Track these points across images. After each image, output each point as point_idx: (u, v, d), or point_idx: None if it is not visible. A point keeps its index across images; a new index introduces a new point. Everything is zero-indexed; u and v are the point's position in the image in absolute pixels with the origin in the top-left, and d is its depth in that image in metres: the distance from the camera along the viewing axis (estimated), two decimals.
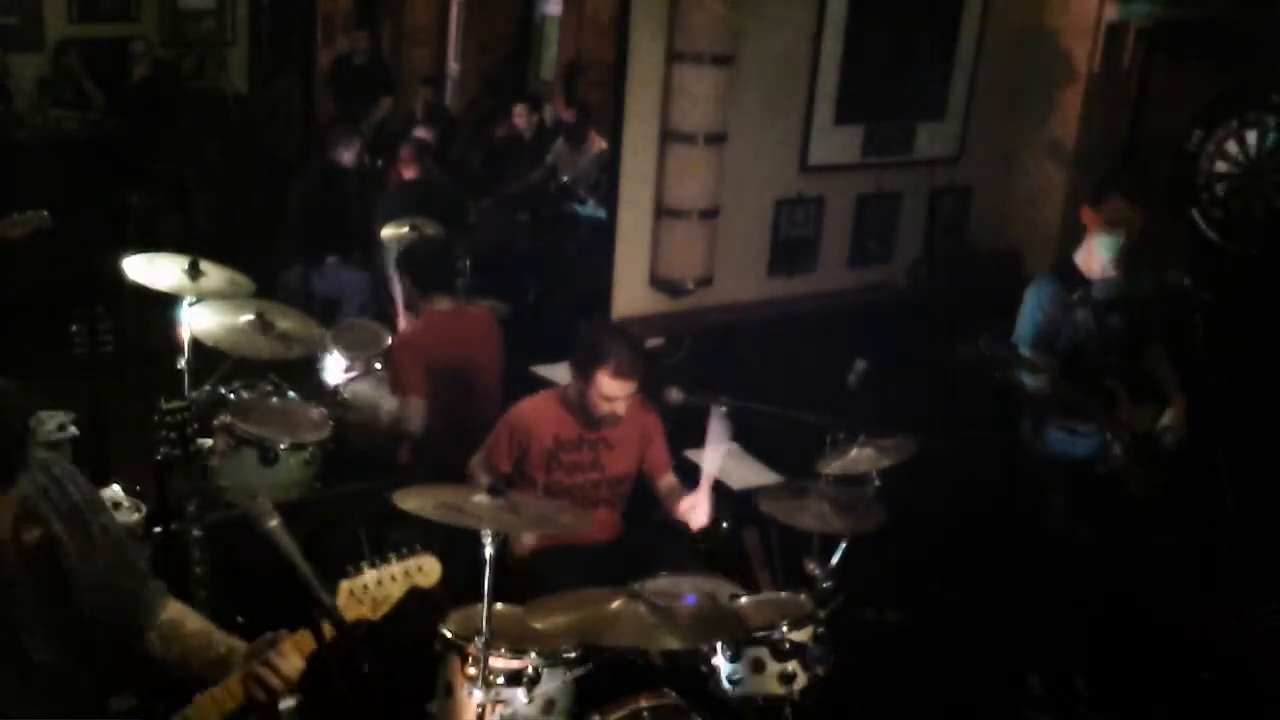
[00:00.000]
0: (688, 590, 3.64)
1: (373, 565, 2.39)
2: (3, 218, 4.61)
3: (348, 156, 7.06)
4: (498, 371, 4.79)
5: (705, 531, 4.04)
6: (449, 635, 3.23)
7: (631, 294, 5.58)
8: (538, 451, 3.93)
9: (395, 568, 2.40)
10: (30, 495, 2.27)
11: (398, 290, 4.99)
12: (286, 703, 2.82)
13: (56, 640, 2.26)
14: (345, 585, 2.33)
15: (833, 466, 3.81)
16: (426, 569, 2.46)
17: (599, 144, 7.82)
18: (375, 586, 2.36)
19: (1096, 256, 4.23)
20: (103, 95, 8.86)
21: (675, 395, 4.18)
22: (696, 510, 3.89)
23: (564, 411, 3.97)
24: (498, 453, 3.94)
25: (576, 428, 3.96)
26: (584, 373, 3.85)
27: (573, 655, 3.21)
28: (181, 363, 4.39)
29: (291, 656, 2.23)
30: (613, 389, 3.80)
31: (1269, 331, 5.41)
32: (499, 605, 3.28)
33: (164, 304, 4.41)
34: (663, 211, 5.48)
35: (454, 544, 3.92)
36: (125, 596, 2.39)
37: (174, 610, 2.46)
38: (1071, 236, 5.19)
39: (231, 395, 4.53)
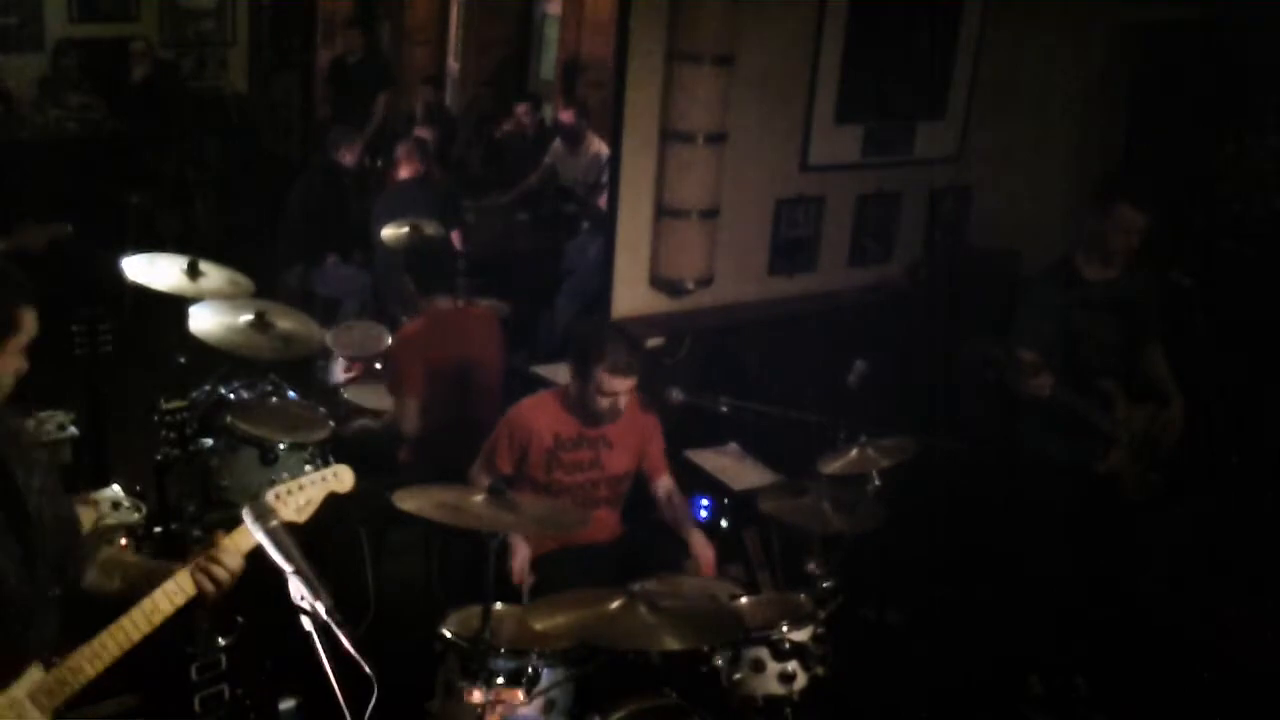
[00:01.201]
0: (687, 590, 3.65)
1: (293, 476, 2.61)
2: (25, 227, 4.63)
3: (348, 157, 7.07)
4: (500, 371, 4.79)
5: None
6: (449, 635, 3.23)
7: (631, 294, 5.58)
8: (538, 451, 3.93)
9: (314, 475, 2.63)
10: None
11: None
12: (286, 703, 2.83)
13: (17, 547, 2.37)
14: (269, 492, 2.51)
15: (833, 466, 3.81)
16: (341, 476, 2.66)
17: (596, 145, 7.82)
18: (298, 491, 2.55)
19: (1097, 259, 4.22)
20: (102, 100, 8.87)
21: (675, 395, 4.18)
22: (707, 554, 3.94)
23: (564, 410, 3.98)
24: (499, 453, 3.95)
25: (576, 426, 3.97)
26: (583, 372, 3.87)
27: (573, 655, 3.21)
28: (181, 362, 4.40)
29: (233, 551, 2.41)
30: (613, 385, 3.82)
31: (1269, 331, 5.41)
32: (499, 605, 3.29)
33: (164, 304, 4.41)
34: (663, 211, 5.48)
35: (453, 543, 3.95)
36: (67, 524, 2.54)
37: (111, 549, 2.69)
38: (1071, 236, 5.19)
39: (231, 395, 4.53)
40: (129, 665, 2.38)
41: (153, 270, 4.48)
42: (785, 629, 3.37)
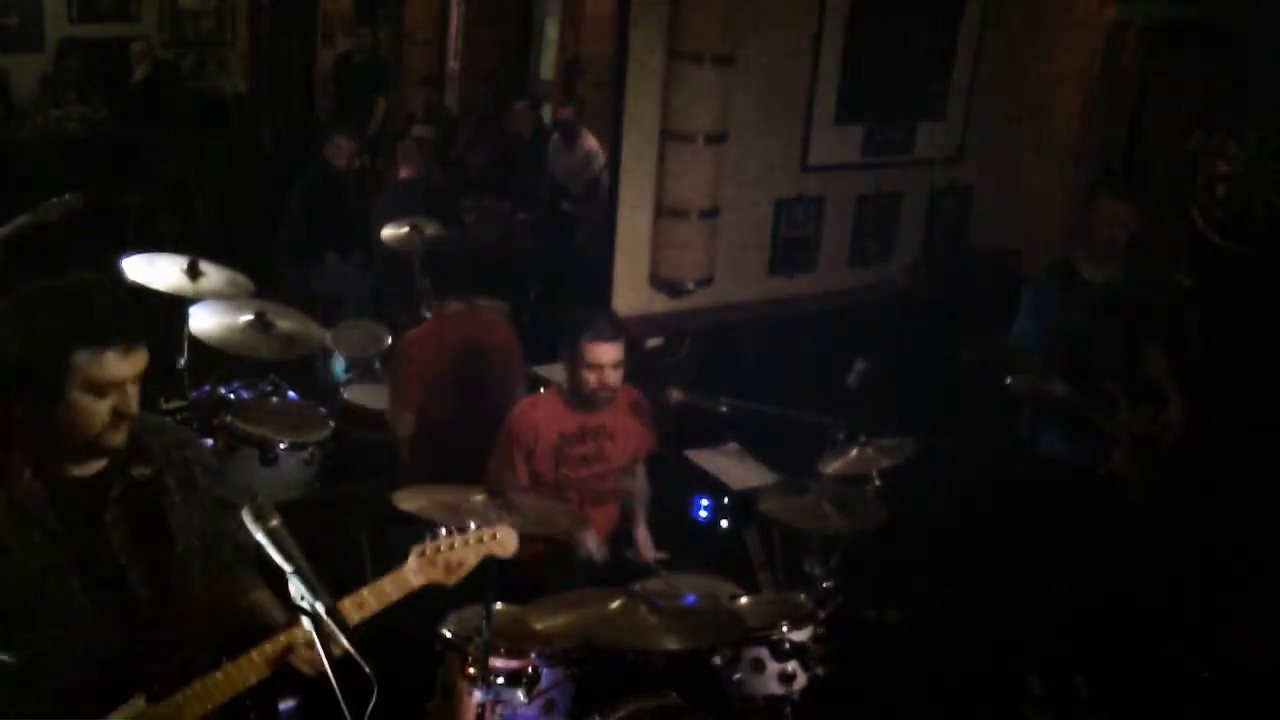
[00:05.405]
0: (688, 590, 3.65)
1: (450, 533, 2.47)
2: (38, 205, 4.73)
3: (341, 158, 7.04)
4: (515, 371, 4.75)
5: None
6: (449, 635, 3.23)
7: (631, 294, 5.58)
8: (544, 449, 3.92)
9: (470, 535, 2.47)
10: (144, 436, 2.38)
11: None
12: (286, 703, 2.81)
13: (153, 577, 2.32)
14: (415, 548, 2.42)
15: (833, 466, 3.81)
16: (502, 539, 2.52)
17: (590, 142, 7.83)
18: (448, 551, 2.44)
19: (1092, 257, 4.23)
20: (102, 100, 8.87)
21: (675, 395, 4.18)
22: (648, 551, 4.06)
23: (563, 406, 3.98)
24: (513, 457, 3.91)
25: (577, 420, 3.96)
26: (569, 355, 3.89)
27: (573, 655, 3.21)
28: (181, 363, 4.41)
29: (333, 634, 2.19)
30: (596, 354, 3.82)
31: (1269, 331, 5.41)
32: (499, 605, 3.28)
33: (164, 304, 4.41)
34: (663, 211, 5.48)
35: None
36: (217, 564, 2.48)
37: (258, 596, 2.50)
38: (1071, 236, 5.20)
39: (231, 395, 4.53)
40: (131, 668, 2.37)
41: (153, 270, 4.48)
42: (785, 629, 3.37)
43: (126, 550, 2.31)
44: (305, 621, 2.17)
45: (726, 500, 4.55)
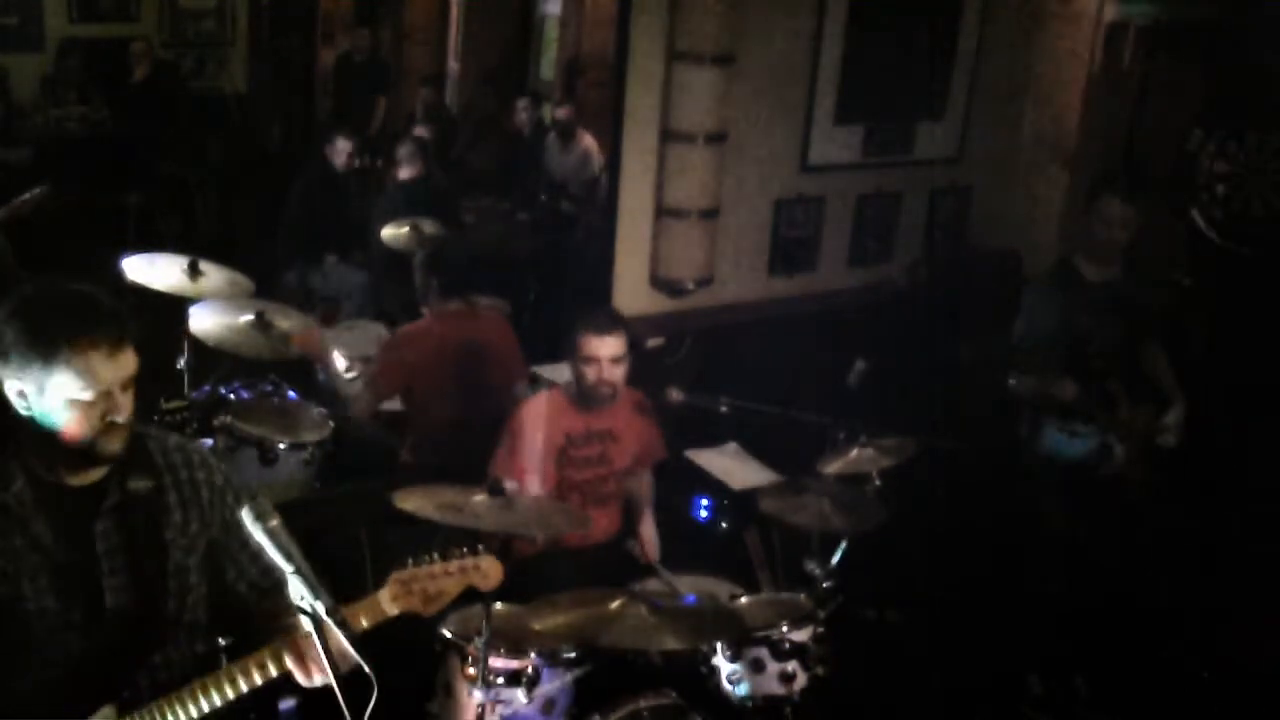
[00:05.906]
0: (688, 590, 3.65)
1: (431, 560, 2.39)
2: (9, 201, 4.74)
3: (340, 158, 7.04)
4: (514, 370, 4.75)
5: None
6: (449, 635, 3.23)
7: (631, 294, 5.58)
8: (549, 450, 3.91)
9: (452, 564, 2.39)
10: (150, 449, 2.38)
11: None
12: (286, 703, 2.81)
13: (137, 589, 2.31)
14: (394, 575, 2.36)
15: (833, 466, 3.81)
16: (485, 569, 2.44)
17: (586, 141, 7.82)
18: (427, 580, 2.36)
19: (1093, 257, 4.23)
20: (102, 100, 8.87)
21: (675, 395, 4.18)
22: (652, 541, 4.06)
23: (569, 406, 3.97)
24: (514, 463, 3.91)
25: (582, 420, 3.95)
26: (571, 348, 3.88)
27: (573, 655, 3.21)
28: (181, 363, 4.40)
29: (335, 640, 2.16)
30: (595, 347, 3.81)
31: (1269, 331, 5.41)
32: (499, 605, 3.28)
33: (164, 304, 4.41)
34: (663, 211, 5.48)
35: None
36: (227, 581, 2.49)
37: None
38: (1071, 237, 5.20)
39: (231, 395, 4.52)
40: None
41: (153, 270, 4.48)
42: (785, 629, 3.37)
43: (111, 560, 2.30)
44: (305, 621, 2.17)
45: (726, 500, 4.55)
